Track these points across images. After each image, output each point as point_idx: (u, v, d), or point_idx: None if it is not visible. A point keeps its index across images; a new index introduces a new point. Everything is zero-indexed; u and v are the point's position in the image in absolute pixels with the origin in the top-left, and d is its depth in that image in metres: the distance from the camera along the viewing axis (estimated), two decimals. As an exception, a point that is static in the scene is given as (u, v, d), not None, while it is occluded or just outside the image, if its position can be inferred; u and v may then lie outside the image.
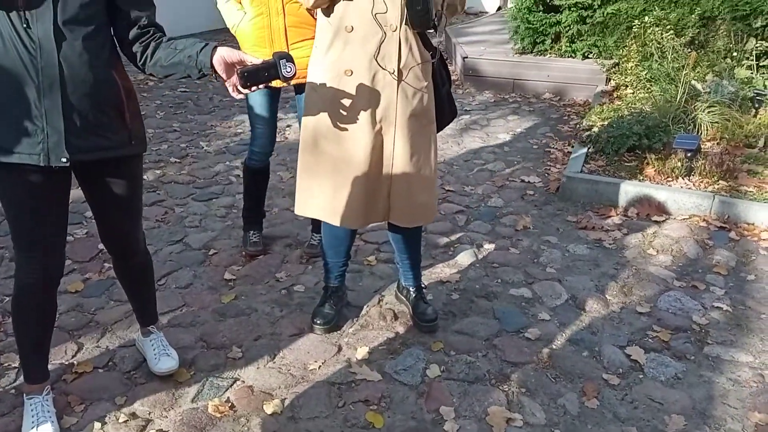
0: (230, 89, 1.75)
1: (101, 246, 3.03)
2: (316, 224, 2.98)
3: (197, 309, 2.65)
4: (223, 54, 1.71)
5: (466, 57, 6.44)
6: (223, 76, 1.73)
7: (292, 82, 1.88)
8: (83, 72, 1.66)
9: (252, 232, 3.14)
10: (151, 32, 1.79)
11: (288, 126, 5.09)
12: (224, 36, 8.78)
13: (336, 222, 2.25)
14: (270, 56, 1.73)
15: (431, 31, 2.08)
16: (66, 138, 1.67)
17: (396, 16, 2.02)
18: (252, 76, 1.69)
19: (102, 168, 1.82)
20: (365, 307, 2.67)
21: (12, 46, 1.60)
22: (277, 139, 4.72)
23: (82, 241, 3.19)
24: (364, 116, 2.10)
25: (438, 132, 2.30)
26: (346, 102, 2.09)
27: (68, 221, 1.90)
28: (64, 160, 1.69)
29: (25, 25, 1.58)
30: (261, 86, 1.76)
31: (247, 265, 3.01)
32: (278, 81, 1.75)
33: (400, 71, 2.07)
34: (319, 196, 2.25)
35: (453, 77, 6.68)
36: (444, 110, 2.30)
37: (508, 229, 3.40)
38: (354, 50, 2.06)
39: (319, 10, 2.12)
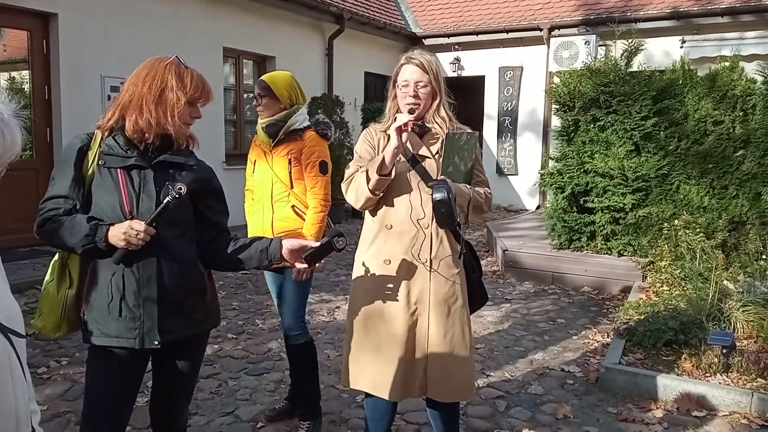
0: (294, 274, 2.01)
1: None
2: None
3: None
4: (287, 245, 1.99)
5: (506, 250, 6.85)
6: (290, 261, 2.02)
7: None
8: (176, 266, 1.92)
9: (284, 400, 3.43)
10: (224, 235, 2.07)
11: (337, 307, 5.41)
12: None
13: (382, 394, 2.44)
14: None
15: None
16: (158, 323, 1.90)
17: (428, 216, 2.39)
18: (314, 255, 2.01)
19: (177, 343, 2.00)
20: (406, 486, 2.73)
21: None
22: (326, 319, 5.08)
23: (142, 408, 3.38)
24: (401, 299, 2.41)
25: (471, 314, 2.56)
26: (386, 286, 2.42)
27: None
28: (156, 342, 1.91)
29: None
30: (322, 261, 2.06)
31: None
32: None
33: (431, 261, 2.41)
34: (368, 369, 2.47)
35: (494, 268, 7.05)
36: (476, 295, 2.59)
37: (548, 417, 3.46)
38: (393, 243, 2.43)
39: (366, 211, 2.54)
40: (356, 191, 2.41)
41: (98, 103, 7.06)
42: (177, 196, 1.83)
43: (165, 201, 1.83)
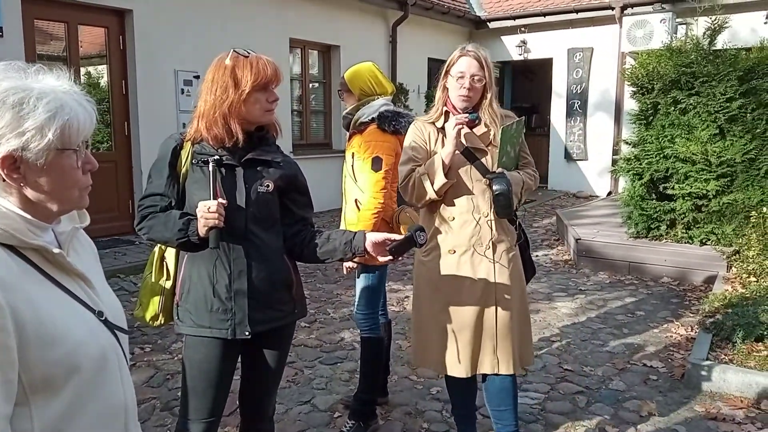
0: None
1: (240, 401, 3.31)
2: None
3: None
4: (371, 238, 1.98)
5: (579, 239, 6.64)
6: (373, 254, 2.00)
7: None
8: (264, 260, 1.98)
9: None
10: (309, 228, 2.11)
11: (406, 297, 5.39)
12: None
13: (451, 372, 2.58)
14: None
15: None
16: (249, 314, 1.96)
17: (486, 206, 2.53)
18: (397, 249, 1.99)
19: (266, 334, 2.04)
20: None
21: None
22: (396, 309, 5.07)
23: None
24: (468, 285, 2.53)
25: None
26: (451, 274, 2.54)
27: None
28: (246, 333, 1.96)
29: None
30: (404, 255, 2.04)
31: (368, 430, 3.14)
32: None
33: (494, 246, 2.53)
34: (434, 350, 2.60)
35: (566, 257, 6.88)
36: (527, 270, 2.74)
37: (632, 414, 3.34)
38: (455, 235, 2.55)
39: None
40: (417, 192, 2.52)
41: (172, 97, 7.26)
42: (218, 161, 1.92)
43: (210, 167, 1.90)
